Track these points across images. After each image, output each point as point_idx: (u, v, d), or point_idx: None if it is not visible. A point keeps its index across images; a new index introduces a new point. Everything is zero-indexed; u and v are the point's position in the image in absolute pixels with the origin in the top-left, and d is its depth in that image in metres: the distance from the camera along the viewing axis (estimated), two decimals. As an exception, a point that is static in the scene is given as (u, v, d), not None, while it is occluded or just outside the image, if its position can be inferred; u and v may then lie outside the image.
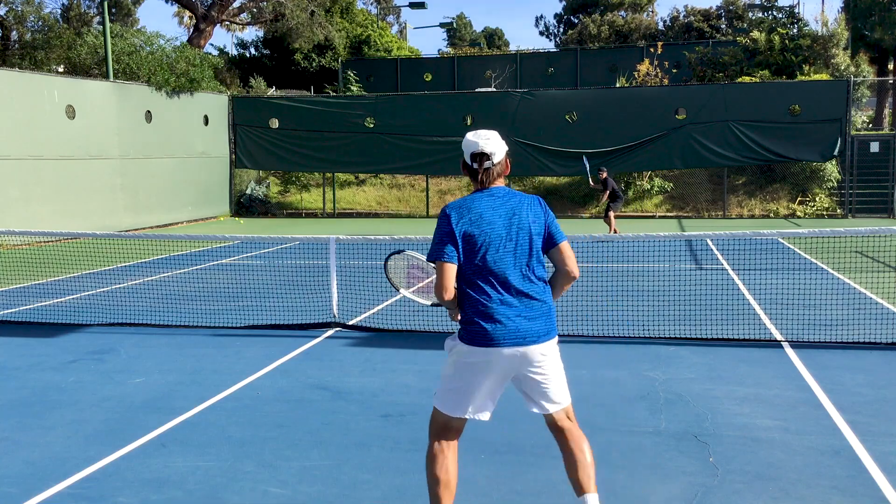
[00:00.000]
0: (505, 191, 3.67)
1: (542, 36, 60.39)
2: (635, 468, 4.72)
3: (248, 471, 4.77)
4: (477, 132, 3.70)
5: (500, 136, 3.73)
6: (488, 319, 3.55)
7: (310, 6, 33.42)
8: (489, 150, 3.62)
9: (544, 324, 3.61)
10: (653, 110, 23.71)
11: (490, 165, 3.64)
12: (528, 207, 3.64)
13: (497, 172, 3.67)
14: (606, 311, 9.25)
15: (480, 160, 3.64)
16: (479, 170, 3.64)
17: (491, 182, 3.66)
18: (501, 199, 3.63)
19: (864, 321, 8.58)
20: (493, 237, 3.57)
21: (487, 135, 3.67)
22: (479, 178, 3.64)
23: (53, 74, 21.75)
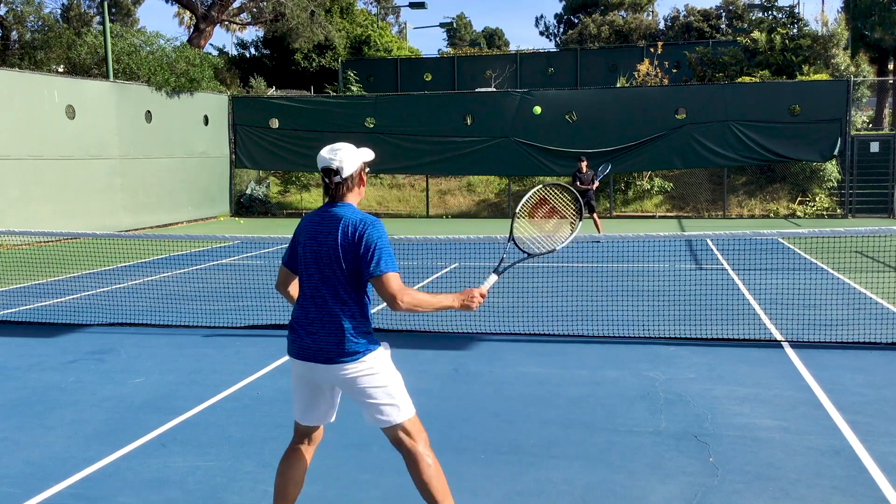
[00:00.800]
0: (340, 208, 3.60)
1: (542, 36, 60.43)
2: (635, 468, 4.72)
3: (248, 471, 4.77)
4: (331, 146, 3.66)
5: (353, 148, 3.66)
6: (291, 331, 3.70)
7: (310, 6, 33.41)
8: (336, 166, 3.60)
9: (337, 346, 3.54)
10: (653, 110, 23.71)
11: (339, 180, 3.62)
12: (344, 229, 3.54)
13: (347, 188, 3.64)
14: (606, 311, 9.25)
15: (329, 175, 3.63)
16: (330, 185, 3.64)
17: (340, 197, 3.63)
18: (329, 217, 3.61)
19: (864, 321, 8.58)
20: (307, 253, 3.63)
21: (338, 148, 3.63)
22: (329, 192, 3.66)
23: (53, 74, 21.75)
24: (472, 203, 26.40)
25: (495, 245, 16.37)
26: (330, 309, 3.57)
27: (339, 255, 3.55)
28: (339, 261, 3.55)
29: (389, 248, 3.57)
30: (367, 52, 38.56)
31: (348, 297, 3.58)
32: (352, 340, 3.56)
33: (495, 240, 8.70)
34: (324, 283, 3.59)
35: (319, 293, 3.60)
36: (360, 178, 3.69)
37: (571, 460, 4.85)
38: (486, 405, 5.97)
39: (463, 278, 12.25)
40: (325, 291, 3.59)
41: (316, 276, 3.61)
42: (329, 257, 3.56)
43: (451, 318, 9.05)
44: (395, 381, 3.69)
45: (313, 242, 3.62)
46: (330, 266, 3.57)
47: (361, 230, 3.54)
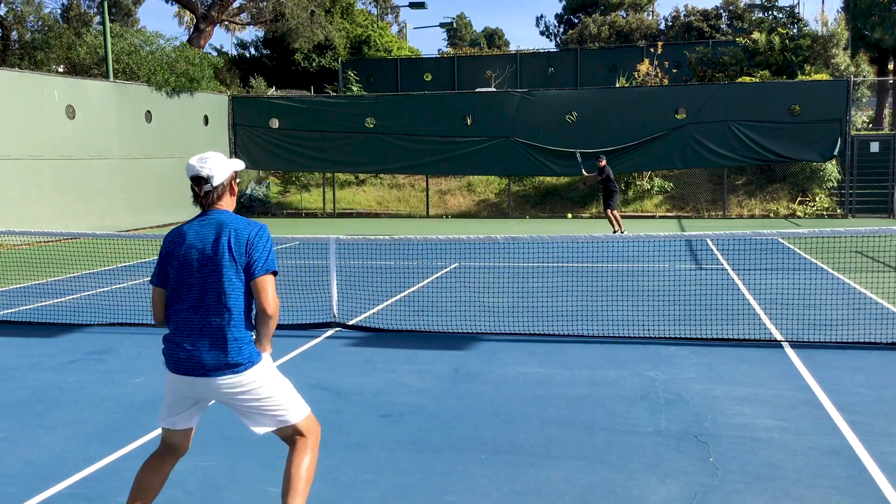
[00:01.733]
0: (219, 215, 3.58)
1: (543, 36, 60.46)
2: (635, 468, 4.72)
3: (248, 471, 4.77)
4: (200, 155, 3.62)
5: (224, 158, 3.64)
6: (168, 345, 3.57)
7: (310, 6, 33.41)
8: (205, 174, 3.56)
9: (219, 357, 3.47)
10: (653, 110, 23.71)
11: (210, 188, 3.58)
12: (234, 234, 3.51)
13: (218, 195, 3.61)
14: (606, 311, 9.25)
15: (199, 183, 3.57)
16: (200, 193, 3.59)
17: (212, 205, 3.61)
18: (209, 224, 3.56)
19: (864, 321, 8.58)
20: (185, 263, 3.52)
21: (206, 157, 3.59)
22: (199, 201, 3.61)
23: (53, 74, 21.75)
24: (472, 203, 26.40)
25: (495, 245, 16.38)
26: (212, 319, 3.48)
27: (228, 260, 3.48)
28: (228, 267, 3.48)
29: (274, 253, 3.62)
30: (367, 52, 38.57)
31: (234, 305, 3.50)
32: (235, 352, 3.49)
33: (495, 240, 8.69)
34: (207, 292, 3.49)
35: (202, 303, 3.49)
36: (231, 187, 3.67)
37: (571, 460, 4.85)
38: (486, 405, 5.97)
39: (463, 278, 12.25)
40: (209, 301, 3.49)
41: (198, 285, 3.50)
42: (215, 264, 3.48)
43: (451, 318, 9.05)
44: (281, 389, 3.65)
45: (194, 251, 3.52)
46: (216, 273, 3.48)
47: (254, 233, 3.55)
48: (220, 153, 3.68)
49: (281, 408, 3.62)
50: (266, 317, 3.56)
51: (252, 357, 3.55)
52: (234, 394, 3.54)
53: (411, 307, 9.85)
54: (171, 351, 3.55)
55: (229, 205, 3.68)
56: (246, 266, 3.52)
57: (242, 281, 3.53)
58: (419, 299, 10.44)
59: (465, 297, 10.55)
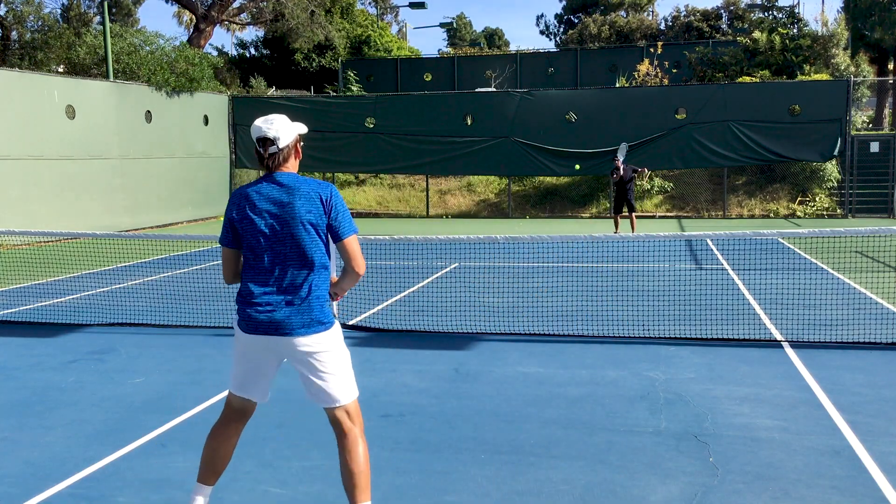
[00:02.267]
0: (289, 177, 3.60)
1: (543, 36, 60.46)
2: (635, 468, 4.72)
3: (248, 471, 4.77)
4: (264, 117, 3.64)
5: (288, 120, 3.66)
6: (247, 306, 3.58)
7: (310, 6, 33.41)
8: (272, 135, 3.57)
9: (301, 319, 3.54)
10: (653, 110, 23.71)
11: (276, 150, 3.59)
12: (306, 197, 3.54)
13: (283, 157, 3.62)
14: (606, 311, 9.25)
15: (265, 145, 3.59)
16: (265, 155, 3.60)
17: (276, 167, 3.62)
18: (281, 187, 3.57)
19: (864, 321, 8.58)
20: (262, 225, 3.54)
21: (273, 119, 3.62)
22: (264, 163, 3.62)
23: (53, 74, 21.75)
24: (472, 203, 26.40)
25: (495, 245, 16.37)
26: (295, 279, 3.54)
27: (307, 221, 3.53)
28: (307, 228, 3.53)
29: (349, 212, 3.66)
30: (367, 52, 38.57)
31: (315, 265, 3.57)
32: (318, 311, 3.57)
33: (495, 240, 8.69)
34: (287, 254, 3.54)
35: (282, 264, 3.54)
36: (296, 149, 3.68)
37: (571, 460, 4.85)
38: (486, 405, 5.97)
39: (463, 278, 12.25)
40: (290, 261, 3.54)
41: (277, 247, 3.54)
42: (294, 225, 3.52)
43: (451, 318, 9.05)
44: (348, 359, 3.72)
45: (268, 214, 3.54)
46: (296, 234, 3.52)
47: (327, 195, 3.58)
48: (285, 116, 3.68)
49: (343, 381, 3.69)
50: (356, 276, 3.65)
51: (331, 318, 3.63)
52: (311, 353, 3.58)
53: (411, 307, 9.85)
54: (249, 312, 3.56)
55: (293, 167, 3.69)
56: (328, 227, 3.58)
57: (321, 241, 3.58)
58: (419, 299, 10.44)
59: (465, 297, 10.55)
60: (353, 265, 3.63)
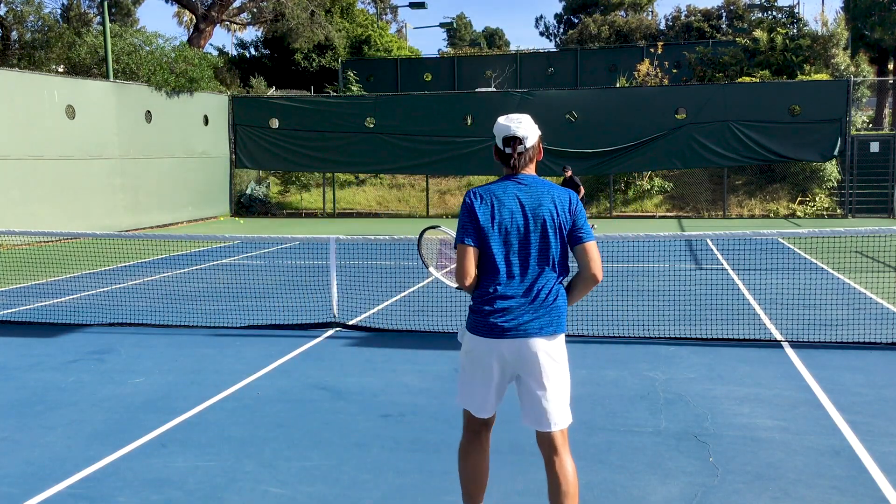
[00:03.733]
0: (533, 179, 3.53)
1: (543, 36, 60.42)
2: (635, 468, 4.72)
3: (248, 471, 4.77)
4: (509, 116, 3.57)
5: (532, 120, 3.61)
6: (491, 309, 3.45)
7: (310, 6, 33.42)
8: (521, 134, 3.51)
9: (548, 320, 3.45)
10: (653, 110, 23.71)
11: (523, 150, 3.52)
12: (555, 199, 3.48)
13: (529, 157, 3.54)
14: (606, 311, 9.24)
15: (513, 144, 3.51)
16: (513, 154, 3.52)
17: (522, 167, 3.54)
18: (527, 188, 3.49)
19: (864, 321, 8.58)
20: (510, 226, 3.44)
21: (520, 118, 3.55)
22: (510, 162, 3.52)
23: (53, 74, 21.75)
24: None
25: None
26: (547, 281, 3.46)
27: (556, 224, 3.46)
28: (556, 231, 3.46)
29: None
30: (367, 52, 38.57)
31: (559, 269, 3.50)
32: (563, 313, 3.50)
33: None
34: (536, 256, 3.45)
35: (534, 267, 3.45)
36: (539, 148, 3.60)
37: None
38: (486, 405, 5.96)
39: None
40: (540, 264, 3.46)
41: (527, 249, 3.45)
42: (546, 228, 3.44)
43: (451, 318, 9.05)
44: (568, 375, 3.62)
45: (519, 215, 3.45)
46: (545, 237, 3.45)
47: (574, 199, 3.53)
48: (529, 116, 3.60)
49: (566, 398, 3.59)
50: (595, 282, 3.53)
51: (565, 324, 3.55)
52: (549, 359, 3.47)
53: (411, 307, 9.84)
54: (494, 316, 3.44)
55: (534, 168, 3.60)
56: (571, 230, 3.49)
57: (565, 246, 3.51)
58: (419, 299, 10.43)
59: (465, 297, 10.54)
60: (594, 270, 3.50)
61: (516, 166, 3.53)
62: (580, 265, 3.54)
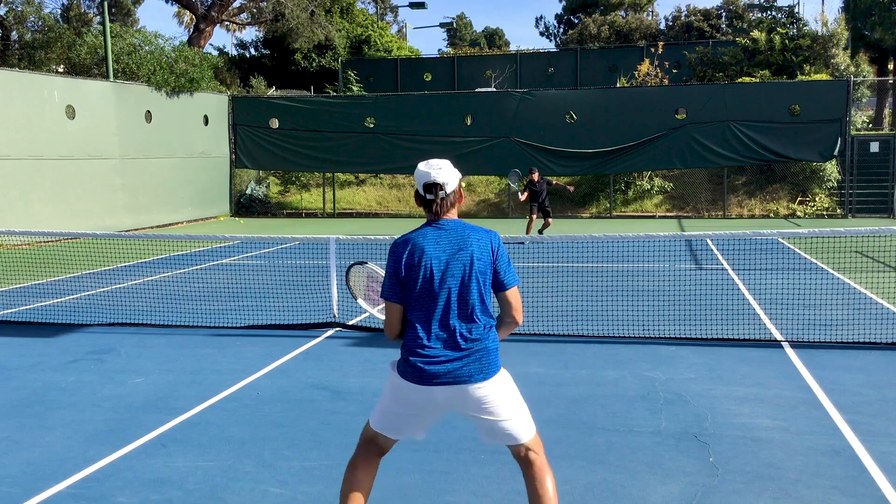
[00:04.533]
0: (455, 224, 3.55)
1: (543, 36, 60.40)
2: (635, 468, 4.72)
3: (248, 471, 4.77)
4: (428, 162, 3.59)
5: (451, 165, 3.63)
6: (420, 357, 3.46)
7: (310, 6, 33.41)
8: (441, 181, 3.52)
9: (479, 365, 3.46)
10: (653, 110, 23.71)
11: (444, 195, 3.54)
12: (478, 244, 3.50)
13: (450, 203, 3.57)
14: (606, 311, 9.25)
15: (434, 191, 3.53)
16: (435, 200, 3.54)
17: (444, 213, 3.56)
18: (448, 233, 3.52)
19: (864, 321, 8.58)
20: (434, 272, 3.46)
21: (440, 164, 3.57)
22: (432, 209, 3.55)
23: (53, 74, 21.74)
24: (472, 203, 26.40)
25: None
26: (471, 328, 3.48)
27: (479, 270, 3.48)
28: (480, 276, 3.48)
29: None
30: (367, 52, 38.56)
31: (485, 313, 3.52)
32: (493, 359, 3.51)
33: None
34: (461, 303, 3.48)
35: (457, 313, 3.47)
36: (460, 193, 3.63)
37: (571, 460, 4.85)
38: (486, 405, 5.96)
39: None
40: (465, 310, 3.48)
41: (450, 296, 3.47)
42: (469, 273, 3.47)
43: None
44: (520, 397, 3.66)
45: (440, 262, 3.47)
46: (469, 283, 3.47)
47: (496, 242, 3.55)
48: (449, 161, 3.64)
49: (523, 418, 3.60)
50: (515, 325, 3.58)
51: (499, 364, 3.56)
52: (487, 400, 3.49)
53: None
54: (421, 363, 3.45)
55: (456, 213, 3.63)
56: (494, 276, 3.52)
57: (488, 290, 3.53)
58: (419, 299, 10.42)
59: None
60: (515, 315, 3.56)
61: (438, 212, 3.56)
62: (502, 310, 3.59)
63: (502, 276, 3.53)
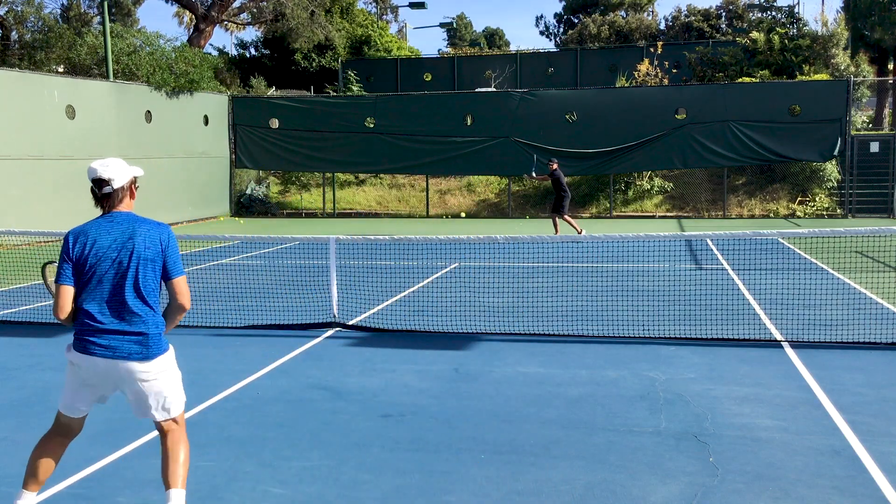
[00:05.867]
0: (125, 216, 3.85)
1: (543, 36, 60.41)
2: (635, 468, 4.72)
3: (248, 471, 4.77)
4: (101, 160, 3.88)
5: (124, 163, 3.90)
6: (89, 335, 3.80)
7: (310, 6, 33.41)
8: (107, 176, 3.81)
9: (140, 347, 3.78)
10: (653, 110, 23.71)
11: (110, 190, 3.83)
12: (145, 235, 3.81)
13: (118, 198, 3.86)
14: (606, 311, 9.25)
15: (100, 185, 3.83)
16: (99, 194, 3.84)
17: (113, 207, 3.86)
18: (118, 225, 3.81)
19: (864, 321, 8.58)
20: (102, 260, 3.76)
21: (107, 162, 3.85)
22: (100, 202, 3.86)
23: (53, 74, 21.75)
24: (472, 203, 26.40)
25: (495, 245, 16.37)
26: (132, 312, 3.78)
27: (143, 258, 3.78)
28: (144, 264, 3.79)
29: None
30: (367, 52, 38.56)
31: (150, 299, 3.83)
32: (153, 342, 3.82)
33: (495, 240, 8.70)
34: (125, 288, 3.77)
35: (120, 297, 3.77)
36: (131, 190, 3.93)
37: (571, 460, 4.85)
38: (486, 405, 5.97)
39: (463, 278, 12.25)
40: (127, 295, 3.78)
41: (115, 281, 3.77)
42: (133, 261, 3.77)
43: (451, 318, 9.05)
44: (178, 378, 4.00)
45: (109, 250, 3.77)
46: (133, 270, 3.77)
47: (165, 235, 3.88)
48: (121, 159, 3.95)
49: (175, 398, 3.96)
50: (183, 311, 3.96)
51: (162, 347, 3.87)
52: (144, 382, 3.82)
53: (411, 307, 9.85)
54: (87, 342, 3.81)
55: (129, 207, 3.95)
56: (167, 265, 3.87)
57: (157, 278, 3.86)
58: (419, 299, 10.44)
59: (465, 297, 10.55)
60: (182, 300, 3.92)
61: (105, 206, 3.87)
62: (170, 297, 3.94)
63: (169, 266, 3.87)
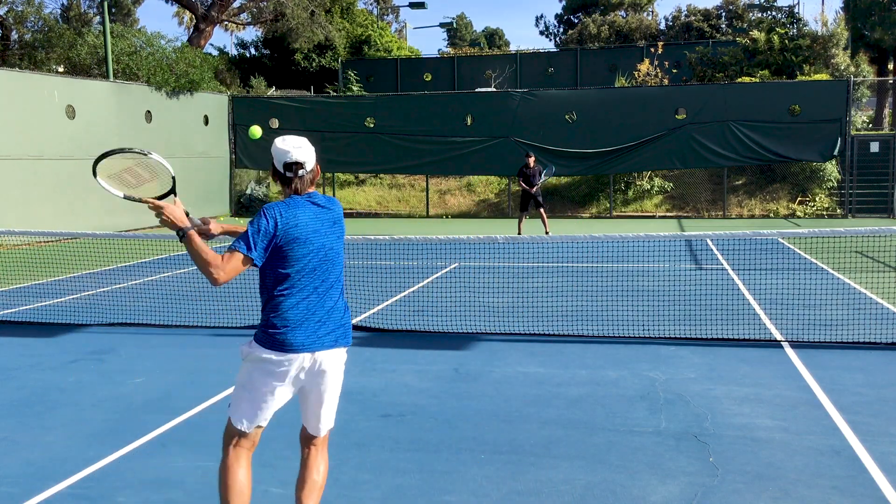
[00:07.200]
0: (325, 198, 3.72)
1: (543, 36, 60.42)
2: (635, 468, 4.72)
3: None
4: (285, 139, 3.65)
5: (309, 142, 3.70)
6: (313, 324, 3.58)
7: (310, 6, 33.41)
8: (301, 159, 3.61)
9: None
10: (653, 110, 23.70)
11: (304, 174, 3.63)
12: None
13: (309, 180, 3.68)
14: (606, 311, 9.25)
15: (294, 169, 3.62)
16: (294, 178, 3.62)
17: (304, 190, 3.66)
18: (324, 208, 3.68)
19: (864, 321, 8.58)
20: (318, 245, 3.60)
21: (298, 143, 3.64)
22: (292, 186, 3.64)
23: (53, 74, 21.74)
24: (472, 203, 26.40)
25: (495, 245, 16.37)
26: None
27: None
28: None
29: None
30: (367, 52, 38.55)
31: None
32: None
33: (495, 240, 8.70)
34: (334, 272, 3.68)
35: (332, 283, 3.67)
36: (317, 170, 3.76)
37: (571, 460, 4.85)
38: (486, 405, 5.97)
39: (463, 278, 12.25)
40: (336, 280, 3.70)
41: (328, 266, 3.64)
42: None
43: (451, 318, 9.05)
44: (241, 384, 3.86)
45: (325, 234, 3.64)
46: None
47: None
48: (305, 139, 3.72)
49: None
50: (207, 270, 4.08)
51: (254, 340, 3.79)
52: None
53: (411, 307, 9.85)
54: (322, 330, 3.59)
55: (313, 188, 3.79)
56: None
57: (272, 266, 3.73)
58: (419, 299, 10.44)
59: (465, 297, 10.55)
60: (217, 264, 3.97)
61: (299, 189, 3.65)
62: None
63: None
